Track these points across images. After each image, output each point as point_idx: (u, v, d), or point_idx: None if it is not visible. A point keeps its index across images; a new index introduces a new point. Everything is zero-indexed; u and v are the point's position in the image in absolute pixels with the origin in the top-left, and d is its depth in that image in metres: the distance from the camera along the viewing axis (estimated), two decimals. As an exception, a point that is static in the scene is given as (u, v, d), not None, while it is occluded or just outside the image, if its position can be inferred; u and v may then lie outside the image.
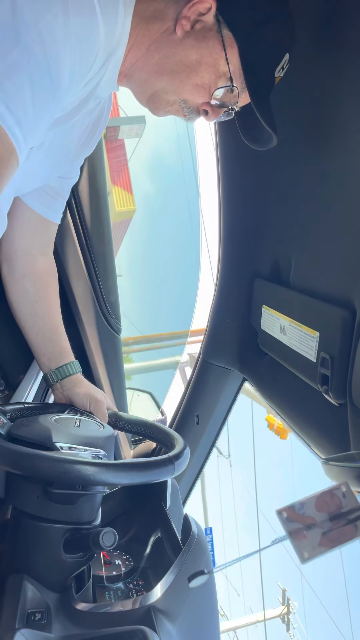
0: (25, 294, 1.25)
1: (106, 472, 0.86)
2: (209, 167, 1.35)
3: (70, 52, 0.72)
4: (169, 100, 0.95)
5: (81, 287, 1.55)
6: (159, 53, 0.90)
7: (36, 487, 0.93)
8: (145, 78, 0.93)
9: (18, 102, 0.69)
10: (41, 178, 1.10)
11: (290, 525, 0.65)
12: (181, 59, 0.89)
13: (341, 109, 0.96)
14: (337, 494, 0.68)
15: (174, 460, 0.96)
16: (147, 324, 27.48)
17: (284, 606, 13.48)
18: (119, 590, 1.06)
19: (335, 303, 1.01)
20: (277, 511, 0.66)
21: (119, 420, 1.26)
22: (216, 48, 0.89)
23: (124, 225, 13.81)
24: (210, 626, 0.95)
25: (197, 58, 0.89)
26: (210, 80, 0.91)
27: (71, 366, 1.26)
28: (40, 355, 1.27)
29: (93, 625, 0.86)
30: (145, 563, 1.14)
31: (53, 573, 0.95)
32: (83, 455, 0.95)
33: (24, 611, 0.86)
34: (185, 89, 0.92)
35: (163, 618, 0.84)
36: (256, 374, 1.43)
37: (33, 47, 0.68)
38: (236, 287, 1.45)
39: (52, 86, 0.72)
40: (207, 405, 1.72)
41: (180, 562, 0.93)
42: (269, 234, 1.31)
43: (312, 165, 1.09)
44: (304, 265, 1.17)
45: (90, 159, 1.44)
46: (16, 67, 0.68)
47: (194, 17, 0.87)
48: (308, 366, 1.07)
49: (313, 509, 0.67)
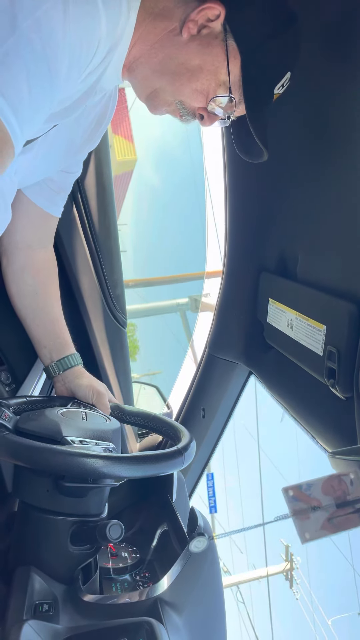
0: (26, 287, 1.25)
1: (120, 465, 0.87)
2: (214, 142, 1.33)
3: (69, 42, 0.71)
4: (167, 100, 0.95)
5: (87, 281, 1.55)
6: (162, 52, 0.89)
7: (46, 480, 0.94)
8: (146, 74, 0.93)
9: (14, 90, 0.68)
10: (44, 171, 1.10)
11: (295, 504, 0.66)
12: (184, 62, 0.89)
13: (349, 105, 0.95)
14: (345, 480, 0.68)
15: (183, 451, 0.97)
16: (153, 268, 27.50)
17: (287, 562, 13.40)
18: (125, 582, 1.06)
19: (342, 296, 1.00)
20: (283, 489, 0.66)
21: (121, 412, 1.26)
22: (219, 56, 0.89)
23: (126, 178, 13.66)
24: (217, 618, 0.96)
25: (199, 63, 0.89)
26: (209, 87, 0.91)
27: (72, 358, 1.27)
28: (41, 347, 1.27)
29: (100, 617, 0.86)
30: (151, 555, 1.15)
31: (60, 565, 0.95)
32: (95, 449, 0.95)
33: (32, 602, 0.86)
34: (184, 91, 0.92)
35: (169, 610, 0.84)
36: (262, 367, 1.42)
37: (30, 35, 0.67)
38: (242, 280, 1.45)
39: (49, 75, 0.71)
40: (213, 398, 1.72)
41: (186, 554, 0.93)
42: (275, 227, 1.30)
43: (319, 158, 1.08)
44: (310, 258, 1.16)
45: (96, 153, 1.44)
46: (13, 55, 0.67)
47: (201, 22, 0.87)
48: (315, 360, 1.07)
49: (319, 492, 0.67)
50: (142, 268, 22.79)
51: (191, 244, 24.96)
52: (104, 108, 1.08)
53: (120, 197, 14.31)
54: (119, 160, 12.34)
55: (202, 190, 2.84)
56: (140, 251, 24.62)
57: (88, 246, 1.52)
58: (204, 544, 0.91)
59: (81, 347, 1.59)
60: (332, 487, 0.67)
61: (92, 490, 0.97)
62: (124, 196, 14.67)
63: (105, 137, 1.41)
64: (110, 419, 1.12)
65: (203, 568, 0.94)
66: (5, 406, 1.01)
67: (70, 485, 0.92)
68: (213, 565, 0.97)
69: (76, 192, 1.45)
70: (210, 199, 2.47)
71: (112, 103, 1.10)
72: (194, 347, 2.11)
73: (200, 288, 8.12)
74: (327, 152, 1.04)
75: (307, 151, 1.11)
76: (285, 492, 0.66)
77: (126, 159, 12.70)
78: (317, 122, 1.06)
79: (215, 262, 2.93)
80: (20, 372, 1.45)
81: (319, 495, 0.67)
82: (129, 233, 20.35)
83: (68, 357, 1.26)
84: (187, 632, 0.84)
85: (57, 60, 0.71)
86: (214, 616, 0.96)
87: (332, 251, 1.07)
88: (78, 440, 0.95)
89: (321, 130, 1.05)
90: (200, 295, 7.63)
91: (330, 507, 0.66)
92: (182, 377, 2.32)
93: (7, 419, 0.97)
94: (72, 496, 0.95)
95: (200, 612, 0.91)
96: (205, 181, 2.33)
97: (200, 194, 13.13)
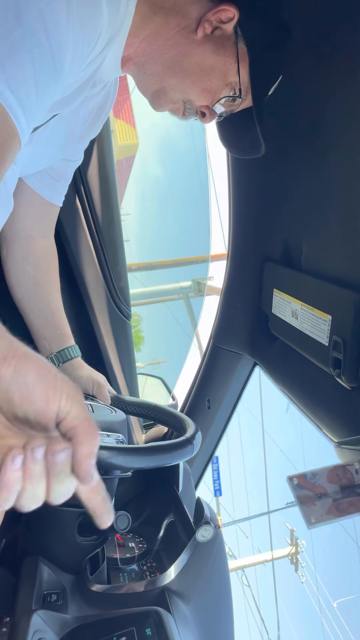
0: (26, 277, 1.24)
1: (135, 456, 0.88)
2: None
3: (73, 32, 0.71)
4: (174, 98, 0.96)
5: (91, 273, 1.55)
6: (175, 49, 0.90)
7: None
8: (156, 71, 0.93)
9: (20, 82, 0.68)
10: (45, 160, 1.10)
11: (300, 492, 0.66)
12: (197, 61, 0.91)
13: (349, 94, 0.94)
14: (350, 470, 0.68)
15: (192, 440, 0.98)
16: (156, 253, 27.31)
17: (292, 546, 13.50)
18: (132, 572, 1.07)
19: (348, 286, 1.00)
20: (288, 477, 0.66)
21: (122, 402, 1.26)
22: (231, 58, 0.91)
23: (128, 163, 13.55)
24: (224, 606, 0.96)
25: (211, 63, 0.91)
26: (217, 87, 0.93)
27: (72, 350, 1.27)
28: (40, 338, 1.27)
29: (108, 606, 0.87)
30: (158, 546, 1.16)
31: (68, 555, 0.96)
32: (107, 440, 0.96)
33: (40, 593, 0.87)
34: (193, 90, 0.94)
35: (177, 599, 0.85)
36: (267, 358, 1.42)
37: (35, 27, 0.67)
38: (246, 271, 1.44)
39: (54, 67, 0.71)
40: (218, 390, 1.72)
41: (193, 544, 0.94)
42: (279, 217, 1.29)
43: (323, 147, 1.07)
44: (315, 248, 1.15)
45: (98, 143, 1.43)
46: (18, 48, 0.66)
47: (216, 22, 0.88)
48: (320, 350, 1.07)
49: (324, 480, 0.67)
50: (145, 253, 22.76)
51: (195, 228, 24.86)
52: (105, 97, 1.07)
53: (123, 182, 14.21)
54: (120, 145, 12.23)
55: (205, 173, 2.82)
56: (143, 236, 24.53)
57: (91, 238, 1.52)
58: (210, 533, 0.92)
59: (85, 339, 1.59)
60: (337, 476, 0.67)
61: (103, 482, 0.97)
62: (126, 181, 14.58)
63: (107, 126, 1.40)
64: (115, 411, 1.13)
65: (210, 557, 0.94)
66: None
67: None
68: (219, 554, 0.97)
69: (79, 183, 1.45)
70: (213, 182, 2.47)
71: (112, 92, 1.09)
72: (199, 334, 2.12)
73: (203, 272, 8.13)
74: (332, 139, 1.03)
75: (311, 139, 1.10)
76: (289, 481, 0.66)
77: (128, 143, 12.57)
78: (320, 108, 1.05)
79: (219, 245, 2.93)
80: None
81: (324, 484, 0.67)
82: (132, 222, 20.31)
83: (68, 349, 1.26)
84: (194, 620, 0.85)
85: (62, 50, 0.71)
86: (221, 604, 0.96)
87: (337, 240, 1.06)
88: None
89: (325, 119, 1.04)
90: (205, 278, 7.63)
91: (336, 493, 0.66)
92: (187, 366, 2.33)
93: None
94: None
95: (207, 600, 0.92)
96: (208, 163, 2.33)
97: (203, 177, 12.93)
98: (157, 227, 27.98)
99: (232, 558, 13.69)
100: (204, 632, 0.86)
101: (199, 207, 17.30)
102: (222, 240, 6.02)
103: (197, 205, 20.68)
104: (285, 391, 1.32)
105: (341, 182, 1.03)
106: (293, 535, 13.47)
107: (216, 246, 4.25)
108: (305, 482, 0.66)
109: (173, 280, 8.42)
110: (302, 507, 0.65)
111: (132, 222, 19.69)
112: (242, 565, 13.04)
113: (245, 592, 13.53)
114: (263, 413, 10.56)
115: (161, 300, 9.05)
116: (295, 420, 18.30)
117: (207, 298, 7.68)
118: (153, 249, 23.13)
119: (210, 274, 7.95)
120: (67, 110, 0.92)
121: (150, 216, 28.04)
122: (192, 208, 27.02)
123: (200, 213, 13.44)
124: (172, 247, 26.42)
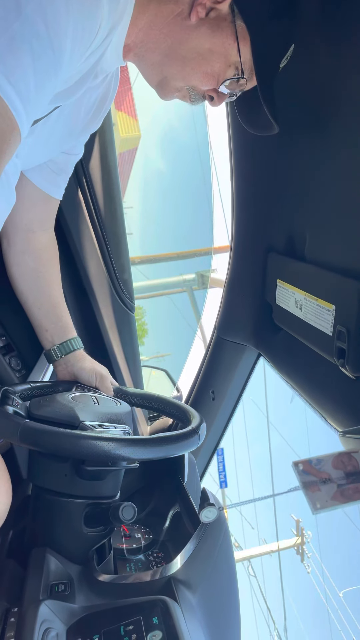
0: (27, 269, 1.24)
1: (144, 447, 0.88)
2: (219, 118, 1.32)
3: (73, 24, 0.70)
4: (177, 86, 0.95)
5: (94, 265, 1.54)
6: (171, 37, 0.89)
7: (65, 465, 0.94)
8: (156, 61, 0.92)
9: (20, 75, 0.68)
10: (47, 153, 1.09)
11: (305, 477, 0.66)
12: (194, 47, 0.89)
13: (355, 80, 0.93)
14: (356, 457, 0.68)
15: (197, 430, 0.99)
16: (159, 246, 27.36)
17: (298, 537, 13.57)
18: (139, 562, 1.08)
19: (352, 275, 0.99)
20: (293, 463, 0.67)
21: (124, 394, 1.27)
22: (229, 38, 0.88)
23: (130, 156, 13.51)
24: (230, 595, 0.97)
25: (209, 47, 0.89)
26: (220, 69, 0.91)
27: (75, 341, 1.27)
28: (42, 330, 1.27)
29: (115, 596, 0.88)
30: (164, 536, 1.16)
31: (74, 546, 0.97)
32: (115, 432, 0.96)
33: (48, 583, 0.88)
34: (195, 76, 0.92)
35: (183, 588, 0.85)
36: (271, 349, 1.42)
37: (35, 19, 0.67)
38: (250, 261, 1.44)
39: (54, 59, 0.70)
40: (222, 381, 1.72)
41: (199, 534, 0.94)
42: (282, 207, 1.29)
43: (326, 136, 1.06)
44: (318, 238, 1.15)
45: (100, 136, 1.42)
46: (18, 40, 0.66)
47: (209, 4, 0.86)
48: (324, 340, 1.07)
49: (329, 466, 0.67)
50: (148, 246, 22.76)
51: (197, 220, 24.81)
52: (106, 89, 1.06)
53: (125, 175, 14.15)
54: (122, 137, 12.15)
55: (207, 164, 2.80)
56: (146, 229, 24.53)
57: (94, 231, 1.52)
58: (214, 514, 0.92)
59: (89, 332, 1.59)
60: (342, 463, 0.68)
61: (111, 473, 0.98)
62: (128, 174, 14.52)
63: (109, 119, 1.39)
64: (120, 402, 1.13)
65: (215, 547, 0.95)
66: (12, 393, 1.01)
67: (92, 469, 0.93)
68: (225, 544, 0.98)
69: (81, 176, 1.44)
70: (216, 173, 2.46)
71: (113, 84, 1.09)
72: (203, 327, 2.12)
73: (206, 264, 8.10)
74: (336, 128, 1.03)
75: (314, 127, 1.09)
76: (295, 466, 0.67)
77: (130, 135, 12.48)
78: (326, 96, 1.04)
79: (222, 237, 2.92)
80: (30, 358, 1.46)
81: (329, 470, 0.67)
82: (135, 215, 20.28)
83: (70, 341, 1.26)
84: (201, 609, 0.85)
85: (61, 42, 0.70)
86: (227, 593, 0.97)
87: (341, 230, 1.06)
88: (97, 424, 0.96)
89: (330, 108, 1.03)
90: (208, 270, 7.61)
91: (341, 479, 0.66)
92: (191, 359, 2.33)
93: (18, 406, 0.98)
94: (92, 479, 0.96)
95: (213, 590, 0.92)
96: (210, 154, 2.32)
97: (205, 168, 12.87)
98: (160, 220, 27.98)
99: (238, 549, 13.77)
100: (210, 620, 0.86)
101: (201, 199, 17.25)
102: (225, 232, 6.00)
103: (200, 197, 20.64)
104: (289, 381, 1.32)
105: (346, 171, 1.02)
106: (299, 526, 13.54)
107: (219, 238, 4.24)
108: (311, 468, 0.67)
109: (176, 273, 8.42)
110: (307, 493, 0.65)
111: (135, 215, 19.68)
112: (248, 556, 13.12)
113: (251, 583, 13.64)
114: (268, 404, 10.58)
115: (164, 293, 9.05)
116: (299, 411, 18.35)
117: (210, 290, 7.67)
118: (156, 241, 23.14)
119: (213, 266, 7.92)
120: (69, 103, 0.92)
121: (152, 209, 28.04)
122: (195, 200, 26.97)
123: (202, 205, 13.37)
124: (175, 239, 26.43)
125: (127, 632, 0.76)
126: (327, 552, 20.22)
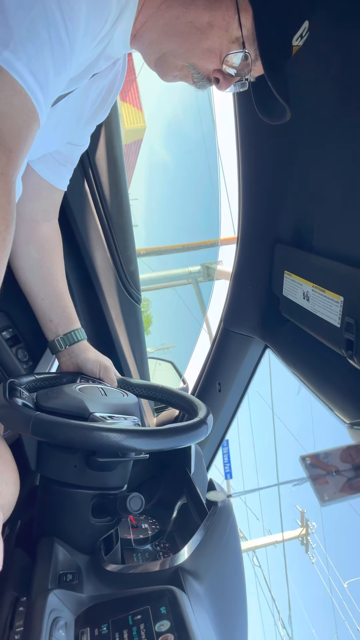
0: (30, 260, 1.23)
1: (152, 438, 0.88)
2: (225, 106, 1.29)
3: (86, 9, 0.70)
4: (177, 64, 0.89)
5: (100, 257, 1.54)
6: (168, 12, 0.85)
7: (75, 456, 0.95)
8: (153, 38, 0.88)
9: (40, 65, 0.68)
10: (53, 143, 1.09)
11: (313, 471, 0.66)
12: (192, 21, 0.84)
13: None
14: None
15: (205, 420, 0.99)
16: (165, 238, 27.32)
17: (302, 528, 13.64)
18: (146, 552, 1.08)
19: (359, 266, 0.99)
20: (301, 457, 0.67)
21: (128, 385, 1.27)
22: (230, 11, 0.83)
23: (136, 147, 13.46)
24: (237, 585, 0.97)
25: (208, 20, 0.84)
26: (221, 45, 0.86)
27: (79, 332, 1.27)
28: (46, 321, 1.26)
29: (123, 585, 0.88)
30: (171, 527, 1.17)
31: (82, 536, 0.98)
32: (124, 423, 0.96)
33: (56, 572, 0.89)
34: (194, 52, 0.87)
35: (190, 578, 0.86)
36: (278, 341, 1.42)
37: (50, 6, 0.66)
38: (257, 253, 1.43)
39: (69, 45, 0.70)
40: (229, 373, 1.72)
41: (206, 525, 0.94)
42: (289, 198, 1.28)
43: (334, 126, 1.05)
44: (326, 229, 1.14)
45: (106, 127, 1.42)
46: (37, 28, 0.66)
47: None
48: (332, 331, 1.06)
49: (337, 460, 0.67)
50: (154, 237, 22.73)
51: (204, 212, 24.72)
52: (113, 78, 1.06)
53: (131, 166, 14.11)
54: (128, 129, 12.10)
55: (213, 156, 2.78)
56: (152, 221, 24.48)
57: (101, 223, 1.51)
58: (221, 497, 0.93)
59: (96, 324, 1.59)
60: (350, 456, 0.68)
61: (120, 464, 0.98)
62: (134, 166, 14.48)
63: (115, 110, 1.38)
64: (127, 394, 1.13)
65: (222, 538, 0.95)
66: (18, 385, 1.02)
67: (103, 460, 0.93)
68: (232, 534, 0.98)
69: (87, 167, 1.44)
70: (222, 164, 2.44)
71: (121, 73, 1.08)
72: (209, 319, 2.12)
73: (212, 256, 8.08)
74: (345, 115, 1.01)
75: (322, 115, 1.08)
76: (302, 460, 0.67)
77: (135, 127, 12.39)
78: (334, 90, 1.03)
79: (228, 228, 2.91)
80: (37, 350, 1.46)
81: (337, 463, 0.67)
82: (141, 207, 20.23)
83: (74, 332, 1.26)
84: (208, 599, 0.86)
85: (75, 29, 0.70)
86: (234, 584, 0.97)
87: (349, 220, 1.05)
88: (107, 416, 0.96)
89: (338, 99, 1.02)
90: (213, 262, 7.59)
91: (349, 472, 0.66)
92: (197, 351, 2.33)
93: (26, 398, 0.98)
94: (102, 470, 0.96)
95: (220, 580, 0.93)
96: (217, 145, 2.30)
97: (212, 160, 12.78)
98: (166, 212, 27.91)
99: (244, 539, 13.85)
100: (217, 610, 0.87)
101: (207, 190, 17.18)
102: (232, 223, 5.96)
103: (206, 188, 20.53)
104: (296, 373, 1.31)
105: (354, 162, 1.01)
106: (303, 517, 13.59)
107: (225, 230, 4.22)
108: (318, 462, 0.67)
109: (182, 265, 8.39)
110: (315, 485, 0.65)
111: (141, 206, 19.63)
112: (253, 547, 13.20)
113: (256, 573, 13.73)
114: (273, 397, 10.59)
115: (170, 285, 9.04)
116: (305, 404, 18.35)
117: (216, 282, 7.65)
118: (161, 233, 23.11)
119: (219, 258, 7.90)
120: (76, 92, 0.91)
121: (158, 200, 27.97)
122: (201, 191, 26.84)
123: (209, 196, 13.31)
124: (180, 231, 26.34)
125: (135, 622, 0.77)
126: (331, 543, 20.32)
